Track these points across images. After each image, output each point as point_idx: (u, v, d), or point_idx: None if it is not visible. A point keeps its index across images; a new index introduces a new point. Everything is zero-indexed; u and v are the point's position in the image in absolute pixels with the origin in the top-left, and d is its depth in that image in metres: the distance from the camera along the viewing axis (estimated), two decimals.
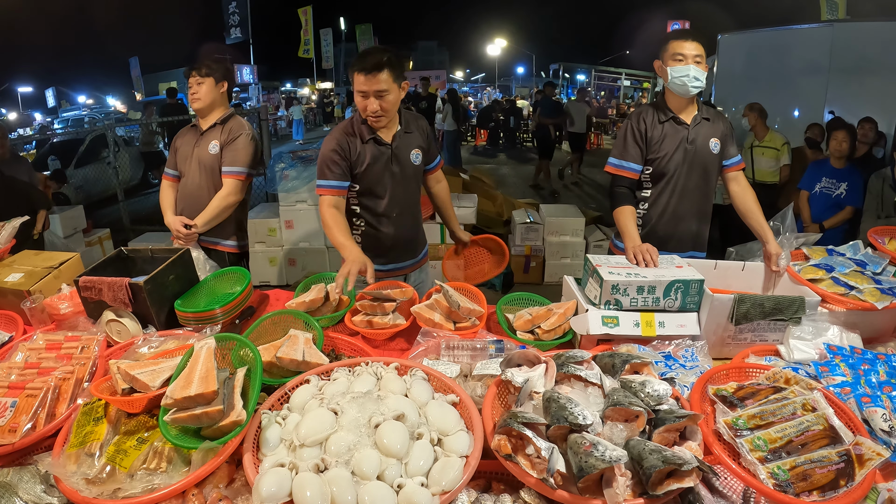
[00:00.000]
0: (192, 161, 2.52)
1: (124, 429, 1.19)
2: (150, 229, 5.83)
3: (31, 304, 1.73)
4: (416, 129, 2.14)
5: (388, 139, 2.03)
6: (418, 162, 2.14)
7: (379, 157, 2.02)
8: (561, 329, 1.63)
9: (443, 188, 2.38)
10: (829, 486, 1.01)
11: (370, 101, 1.90)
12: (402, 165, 2.08)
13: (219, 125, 2.51)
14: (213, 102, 2.51)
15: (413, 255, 2.27)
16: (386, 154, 2.03)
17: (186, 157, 2.55)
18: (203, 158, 2.49)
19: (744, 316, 1.52)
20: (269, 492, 0.97)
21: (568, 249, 4.78)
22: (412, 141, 2.11)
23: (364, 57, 1.88)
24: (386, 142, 2.03)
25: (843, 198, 3.79)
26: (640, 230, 2.11)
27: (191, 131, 2.60)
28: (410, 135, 2.11)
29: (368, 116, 1.94)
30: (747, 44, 6.55)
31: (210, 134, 2.51)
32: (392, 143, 2.04)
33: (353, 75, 1.90)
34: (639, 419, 1.09)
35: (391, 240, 2.15)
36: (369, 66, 1.85)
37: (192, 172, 2.53)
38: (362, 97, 1.91)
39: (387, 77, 1.88)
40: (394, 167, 2.06)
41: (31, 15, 35.45)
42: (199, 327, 1.55)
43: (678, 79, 1.94)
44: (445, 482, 1.00)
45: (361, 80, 1.88)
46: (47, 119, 20.43)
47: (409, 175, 2.13)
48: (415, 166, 2.13)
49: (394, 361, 1.35)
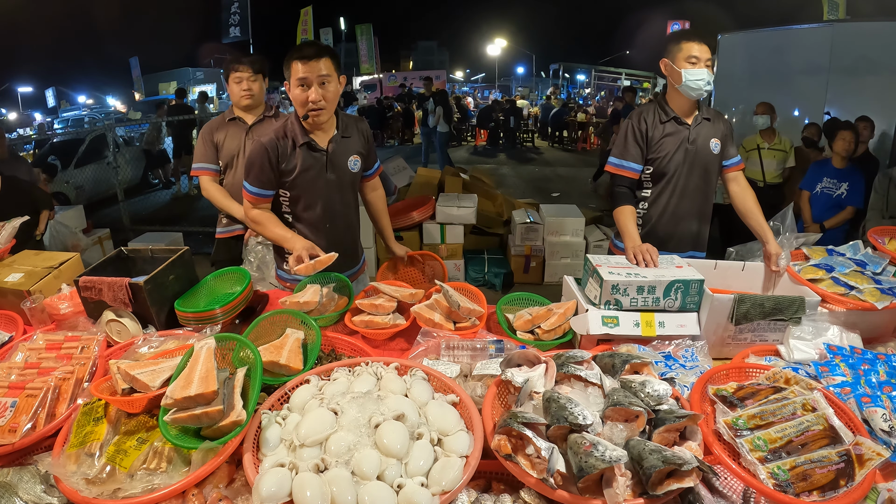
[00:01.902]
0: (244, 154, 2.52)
1: (124, 429, 1.19)
2: (150, 229, 5.85)
3: (31, 304, 1.73)
4: (354, 132, 2.02)
5: (324, 144, 1.91)
6: (356, 169, 2.02)
7: (313, 164, 1.91)
8: (561, 329, 1.63)
9: (378, 196, 2.26)
10: (829, 486, 1.01)
11: (312, 90, 1.79)
12: (339, 173, 1.96)
13: (271, 118, 2.59)
14: (261, 98, 2.62)
15: (352, 265, 2.16)
16: (321, 161, 1.92)
17: (237, 150, 2.56)
18: None
19: (744, 316, 1.52)
20: (269, 492, 0.97)
21: (568, 249, 4.78)
22: (350, 146, 1.99)
23: (302, 47, 1.81)
24: (321, 147, 1.91)
25: (844, 198, 3.79)
26: (640, 230, 2.12)
27: (232, 125, 2.59)
28: (348, 139, 1.98)
29: (310, 109, 1.81)
30: (747, 44, 6.54)
31: (264, 126, 2.54)
32: (328, 148, 1.92)
33: (292, 66, 1.80)
34: (639, 419, 1.09)
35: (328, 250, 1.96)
36: (311, 53, 1.78)
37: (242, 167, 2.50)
38: (302, 88, 1.80)
39: (329, 64, 1.80)
40: (329, 175, 1.94)
41: (31, 15, 35.44)
42: (199, 327, 1.55)
43: (693, 82, 1.93)
44: (445, 482, 1.00)
45: (302, 67, 1.78)
46: (47, 119, 20.42)
47: (347, 183, 2.01)
48: (352, 173, 2.01)
49: (394, 361, 1.35)
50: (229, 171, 2.60)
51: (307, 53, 1.78)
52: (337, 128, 1.95)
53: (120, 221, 6.40)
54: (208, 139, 2.58)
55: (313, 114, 1.83)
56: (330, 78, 1.80)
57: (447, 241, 4.69)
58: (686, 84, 1.94)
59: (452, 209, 4.66)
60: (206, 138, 2.58)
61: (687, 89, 1.96)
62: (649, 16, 23.37)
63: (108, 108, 23.44)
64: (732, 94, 6.60)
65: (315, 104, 1.80)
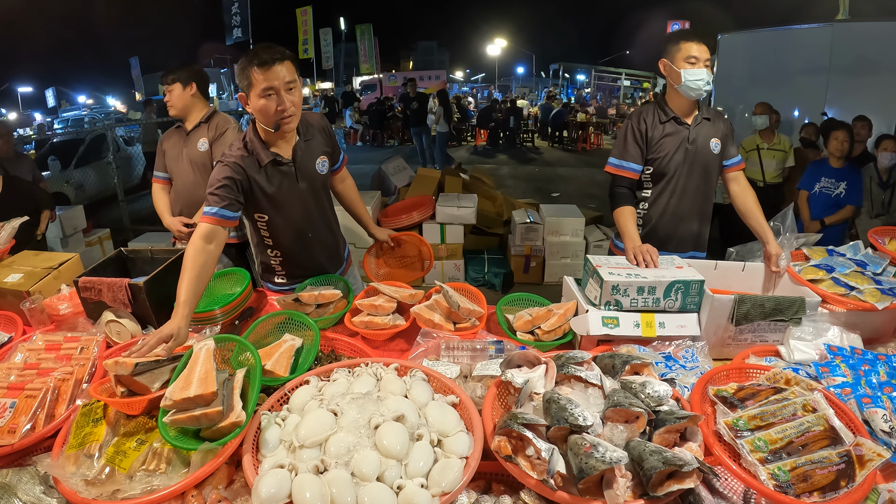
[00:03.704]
0: (182, 161, 2.61)
1: (123, 430, 1.19)
2: (150, 229, 5.84)
3: (30, 305, 1.73)
4: (315, 132, 1.90)
5: (288, 155, 1.79)
6: (325, 170, 1.93)
7: (282, 180, 1.80)
8: (561, 330, 1.63)
9: (349, 186, 2.18)
10: (829, 486, 1.01)
11: (281, 98, 1.64)
12: (310, 179, 1.86)
13: (203, 123, 2.61)
14: (187, 105, 2.61)
15: (338, 264, 2.12)
16: (289, 174, 1.80)
17: (176, 158, 2.63)
18: (194, 157, 2.59)
19: (744, 316, 1.52)
20: (269, 493, 0.97)
21: (568, 249, 4.77)
22: (315, 148, 1.88)
23: (258, 52, 1.63)
24: (286, 160, 1.79)
25: (843, 197, 3.80)
26: (640, 230, 2.11)
27: (176, 133, 2.68)
28: (311, 141, 1.87)
29: (281, 119, 1.67)
30: (747, 44, 6.54)
31: (196, 133, 2.60)
32: (294, 159, 1.80)
33: (251, 75, 1.63)
34: (639, 420, 1.08)
35: (313, 260, 1.98)
36: (272, 58, 1.61)
37: (183, 172, 2.61)
38: (267, 98, 1.64)
39: (291, 68, 1.65)
40: (301, 184, 1.83)
41: (31, 15, 35.47)
42: (199, 328, 1.55)
43: (693, 82, 1.92)
44: (445, 483, 1.00)
45: (264, 75, 1.61)
46: (47, 119, 20.42)
47: (319, 187, 1.92)
48: (322, 176, 1.92)
49: (393, 362, 1.35)
50: (173, 180, 2.69)
51: (267, 59, 1.61)
52: (298, 133, 1.83)
53: (120, 221, 6.40)
54: (160, 148, 2.72)
55: (284, 122, 1.69)
56: (294, 84, 1.67)
57: (447, 241, 4.69)
58: (685, 84, 1.94)
59: (452, 209, 4.65)
60: (159, 147, 2.72)
61: (686, 89, 1.96)
62: (649, 16, 23.42)
63: (108, 108, 23.46)
64: (732, 94, 6.60)
65: (285, 114, 1.67)
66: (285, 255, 1.96)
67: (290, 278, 1.99)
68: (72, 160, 7.85)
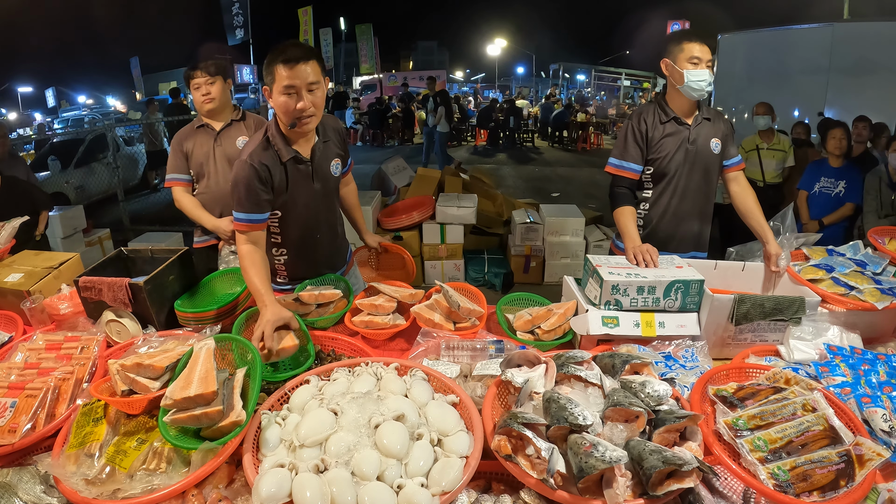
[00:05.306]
0: (215, 161, 2.45)
1: (124, 429, 1.19)
2: (150, 229, 5.84)
3: (30, 305, 1.73)
4: (332, 134, 1.89)
5: (307, 154, 1.78)
6: (338, 172, 1.92)
7: (300, 179, 1.78)
8: (561, 329, 1.63)
9: (350, 191, 2.21)
10: (829, 486, 1.01)
11: (302, 98, 1.61)
12: (324, 181, 1.85)
13: (239, 122, 2.49)
14: (226, 101, 2.49)
15: (342, 263, 2.12)
16: (306, 173, 1.79)
17: (206, 158, 2.46)
18: (233, 156, 2.40)
19: (744, 316, 1.52)
20: (269, 492, 0.97)
21: (568, 249, 4.78)
22: (331, 150, 1.87)
23: (286, 49, 1.60)
24: (305, 158, 1.77)
25: (843, 196, 3.80)
26: (641, 230, 2.11)
27: (201, 132, 2.50)
28: (328, 143, 1.86)
29: (300, 118, 1.64)
30: (747, 44, 6.55)
31: (232, 131, 2.46)
32: (312, 158, 1.79)
33: (275, 71, 1.61)
34: (639, 420, 1.09)
35: (318, 260, 1.98)
36: (298, 56, 1.58)
37: (217, 172, 2.45)
38: (288, 95, 1.61)
39: (316, 68, 1.62)
40: (315, 184, 1.82)
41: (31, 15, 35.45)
42: (199, 327, 1.55)
43: (696, 83, 1.92)
44: (445, 483, 1.00)
45: (288, 73, 1.58)
46: (47, 119, 20.42)
47: (331, 189, 1.92)
48: (335, 178, 1.92)
49: (394, 362, 1.35)
50: (202, 180, 2.50)
51: (293, 56, 1.58)
52: (318, 133, 1.80)
53: (120, 221, 6.40)
54: (178, 149, 2.49)
55: (302, 123, 1.66)
56: (318, 84, 1.63)
57: (447, 241, 4.69)
58: (688, 84, 1.94)
59: (452, 209, 4.65)
60: (177, 148, 2.50)
61: (689, 90, 1.96)
62: (649, 16, 23.41)
63: (108, 108, 23.44)
64: (732, 94, 6.61)
65: (305, 114, 1.64)
66: (291, 254, 1.94)
67: (291, 280, 1.99)
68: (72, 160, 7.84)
